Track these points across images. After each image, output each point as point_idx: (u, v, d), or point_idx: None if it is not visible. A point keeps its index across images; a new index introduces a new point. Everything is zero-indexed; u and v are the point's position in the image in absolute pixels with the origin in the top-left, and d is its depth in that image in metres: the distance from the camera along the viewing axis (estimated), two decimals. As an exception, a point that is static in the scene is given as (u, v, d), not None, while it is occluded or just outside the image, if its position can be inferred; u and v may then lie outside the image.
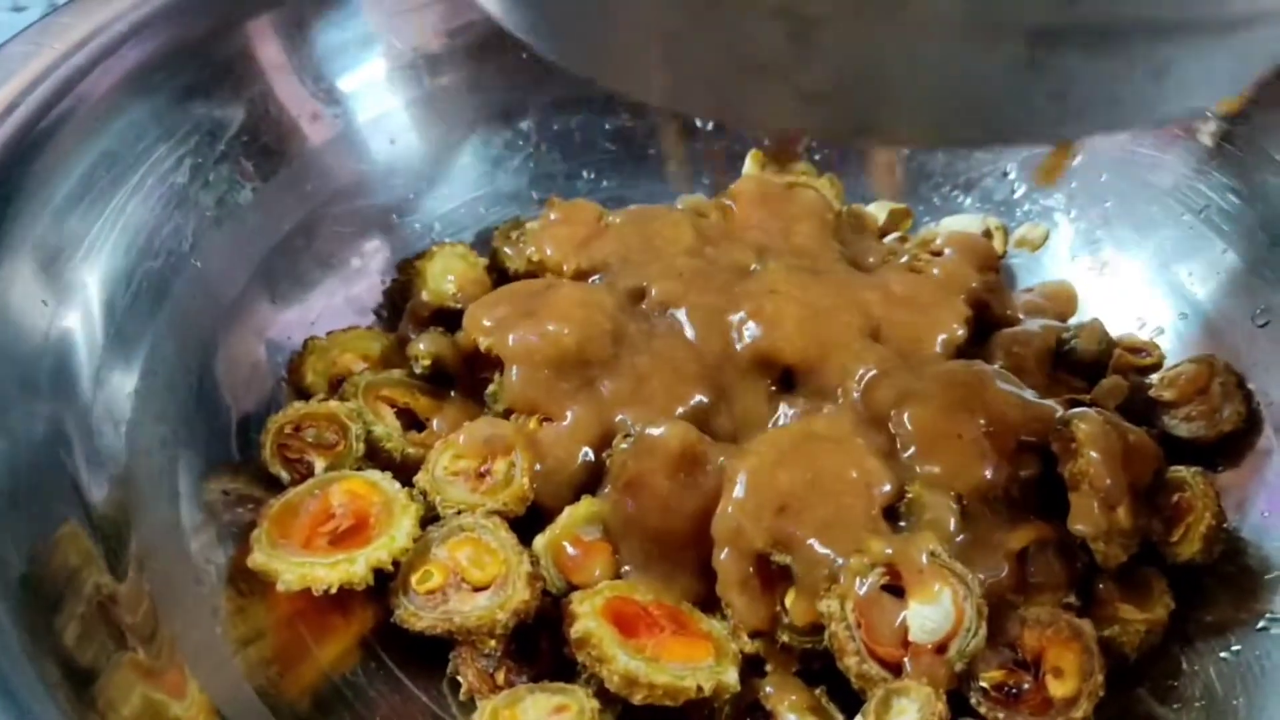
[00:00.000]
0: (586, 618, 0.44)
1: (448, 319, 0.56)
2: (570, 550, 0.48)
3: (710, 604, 0.47)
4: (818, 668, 0.45)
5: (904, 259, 0.58)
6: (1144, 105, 0.25)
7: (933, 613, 0.43)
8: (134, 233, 0.50)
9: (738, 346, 0.51)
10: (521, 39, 0.29)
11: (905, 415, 0.48)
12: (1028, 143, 0.58)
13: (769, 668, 0.46)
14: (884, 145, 0.61)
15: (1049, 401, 0.50)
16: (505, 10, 0.28)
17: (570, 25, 0.27)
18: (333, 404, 0.51)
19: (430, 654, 0.46)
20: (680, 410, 0.50)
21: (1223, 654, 0.44)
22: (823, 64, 0.23)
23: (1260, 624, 0.44)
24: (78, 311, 0.46)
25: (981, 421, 0.48)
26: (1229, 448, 0.51)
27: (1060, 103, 0.24)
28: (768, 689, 0.45)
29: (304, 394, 0.53)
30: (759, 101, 0.26)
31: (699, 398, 0.50)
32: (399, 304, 0.59)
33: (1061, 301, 0.58)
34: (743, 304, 0.52)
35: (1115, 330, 0.56)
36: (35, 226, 0.45)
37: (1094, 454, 0.46)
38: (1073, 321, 0.58)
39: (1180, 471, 0.49)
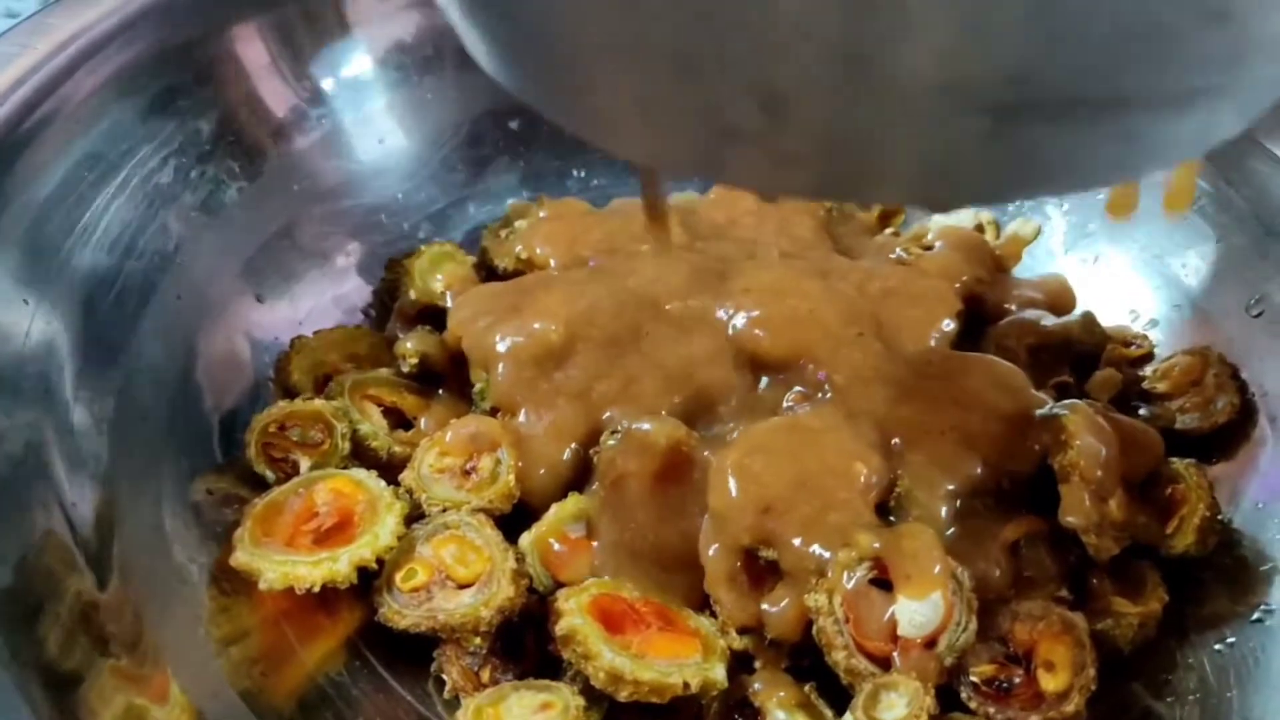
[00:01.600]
0: (572, 614, 0.43)
1: (436, 317, 0.56)
2: (557, 547, 0.47)
3: (700, 603, 0.46)
4: (807, 664, 0.45)
5: (896, 253, 0.58)
6: (1114, 166, 0.25)
7: (921, 607, 0.42)
8: (118, 232, 0.50)
9: (725, 342, 0.51)
10: (505, 88, 0.29)
11: (893, 409, 0.48)
12: (1001, 202, 0.58)
13: (758, 664, 0.45)
14: (861, 204, 0.62)
15: (1039, 394, 0.49)
16: (490, 63, 0.28)
17: (551, 85, 0.28)
18: (318, 402, 0.50)
19: (415, 653, 0.46)
20: (668, 406, 0.49)
21: (1217, 646, 0.44)
22: (796, 134, 0.24)
23: (1255, 616, 0.44)
24: (60, 310, 0.46)
25: (971, 414, 0.48)
26: (1223, 439, 0.50)
27: (1029, 168, 0.25)
28: (756, 685, 0.44)
29: (290, 393, 0.53)
30: (737, 166, 0.26)
31: (686, 394, 0.50)
32: (387, 303, 0.59)
33: (1056, 295, 0.57)
34: (731, 300, 0.51)
35: (1108, 323, 0.55)
36: (17, 226, 0.45)
37: (1084, 445, 0.45)
38: (1068, 315, 0.57)
39: (1174, 464, 0.48)
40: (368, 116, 0.61)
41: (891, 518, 0.45)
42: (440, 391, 0.55)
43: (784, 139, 0.25)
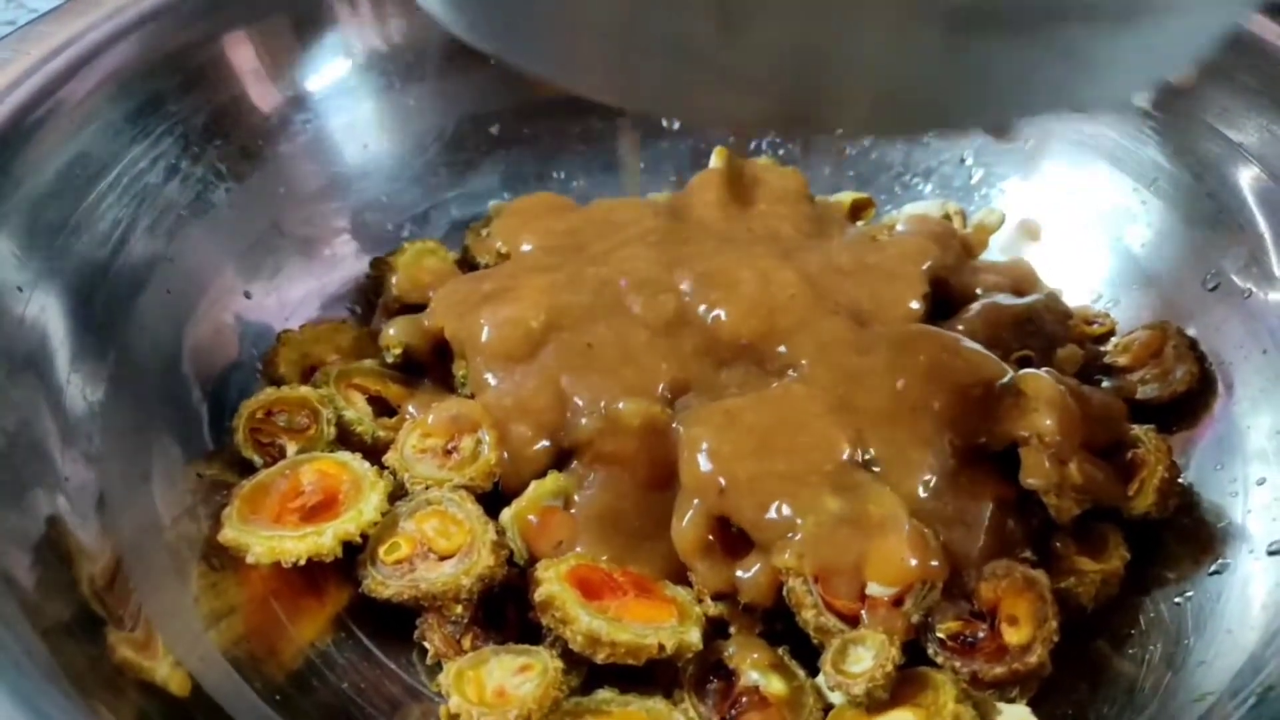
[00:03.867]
0: (550, 582, 0.45)
1: (419, 312, 0.58)
2: (535, 522, 0.48)
3: (677, 576, 0.48)
4: (780, 629, 0.46)
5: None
6: (1060, 89, 0.26)
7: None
8: (109, 228, 0.51)
9: (697, 325, 0.52)
10: (464, 38, 0.30)
11: (860, 382, 0.50)
12: (955, 128, 0.59)
13: (732, 629, 0.46)
14: (820, 134, 0.63)
15: (999, 361, 0.51)
16: (446, 11, 0.29)
17: (510, 23, 0.28)
18: (304, 389, 0.52)
19: (400, 626, 0.47)
20: (641, 387, 0.51)
21: (1176, 600, 0.45)
22: (753, 54, 0.25)
23: (1212, 569, 0.45)
24: (53, 299, 0.48)
25: (937, 385, 0.49)
26: (1183, 407, 0.51)
27: (980, 88, 0.26)
28: (731, 649, 0.45)
29: (277, 384, 0.54)
30: (698, 94, 0.27)
31: (660, 375, 0.51)
32: (372, 299, 0.61)
33: (1021, 278, 0.59)
34: (702, 286, 0.53)
35: (1072, 303, 0.57)
36: (13, 219, 0.47)
37: (1043, 409, 0.47)
38: (1032, 295, 0.59)
39: (1134, 430, 0.50)
40: (353, 122, 0.63)
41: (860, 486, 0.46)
42: (424, 380, 0.56)
43: (741, 60, 0.25)
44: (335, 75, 0.63)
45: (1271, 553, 0.44)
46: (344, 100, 0.63)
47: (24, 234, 0.47)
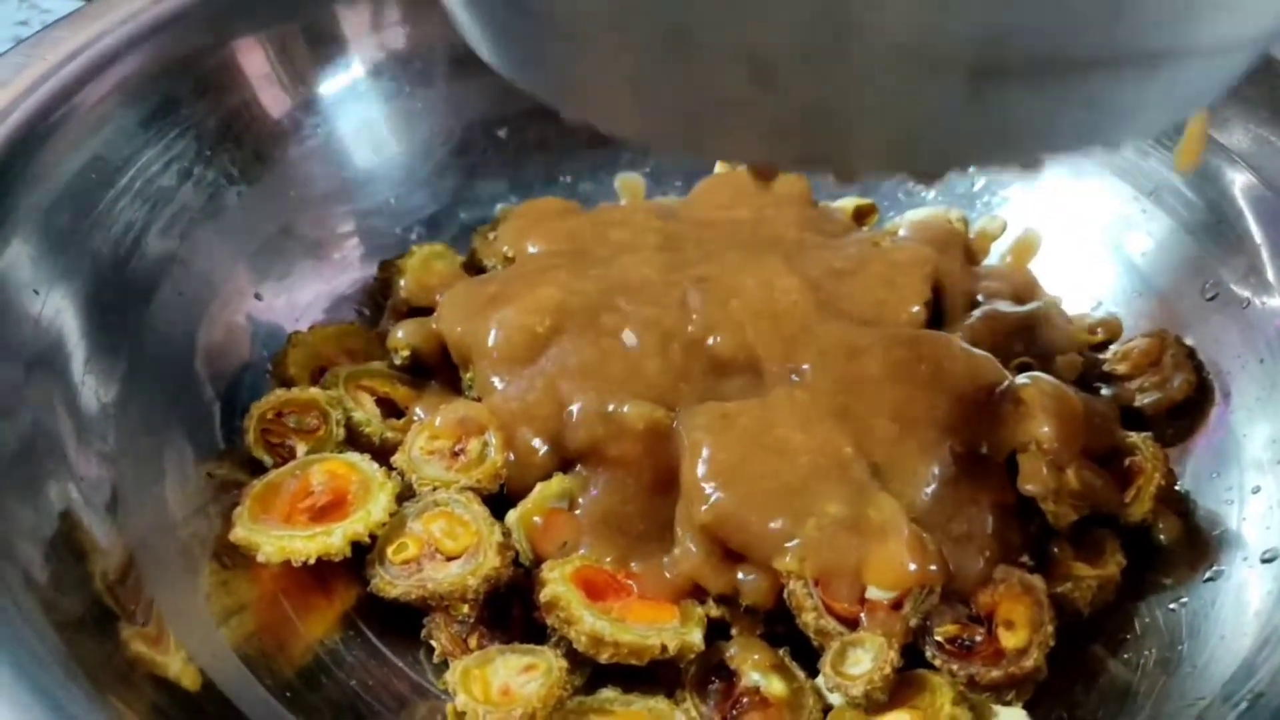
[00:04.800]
0: (555, 583, 0.46)
1: (427, 314, 0.58)
2: (540, 523, 0.49)
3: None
4: (781, 631, 0.47)
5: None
6: (1084, 133, 0.27)
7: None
8: (123, 231, 0.52)
9: (701, 331, 0.53)
10: (491, 65, 0.30)
11: (862, 388, 0.50)
12: (978, 167, 0.60)
13: (734, 631, 0.47)
14: (843, 177, 0.64)
15: (1000, 367, 0.51)
16: (476, 38, 0.30)
17: (544, 68, 0.29)
18: (313, 390, 0.53)
19: (407, 625, 0.48)
20: (645, 390, 0.51)
21: (1171, 605, 0.46)
22: (785, 102, 0.25)
23: (1207, 575, 0.46)
24: (68, 301, 0.48)
25: (939, 391, 0.50)
26: (1180, 415, 0.52)
27: (1003, 132, 0.26)
28: (732, 650, 0.46)
29: (287, 385, 0.55)
30: (727, 138, 0.28)
31: (664, 378, 0.52)
32: (380, 302, 0.61)
33: (1021, 285, 0.60)
34: (706, 292, 0.54)
35: (1071, 309, 0.58)
36: (29, 222, 0.48)
37: (1041, 415, 0.48)
38: (1033, 303, 0.60)
39: (1131, 437, 0.50)
40: (362, 126, 0.64)
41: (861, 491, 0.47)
42: (432, 383, 0.57)
43: (772, 108, 0.26)
44: (345, 80, 0.64)
45: (1265, 560, 0.44)
46: (354, 105, 0.64)
47: (40, 236, 0.48)
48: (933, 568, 0.45)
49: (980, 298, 0.59)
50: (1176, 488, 0.49)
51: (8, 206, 0.47)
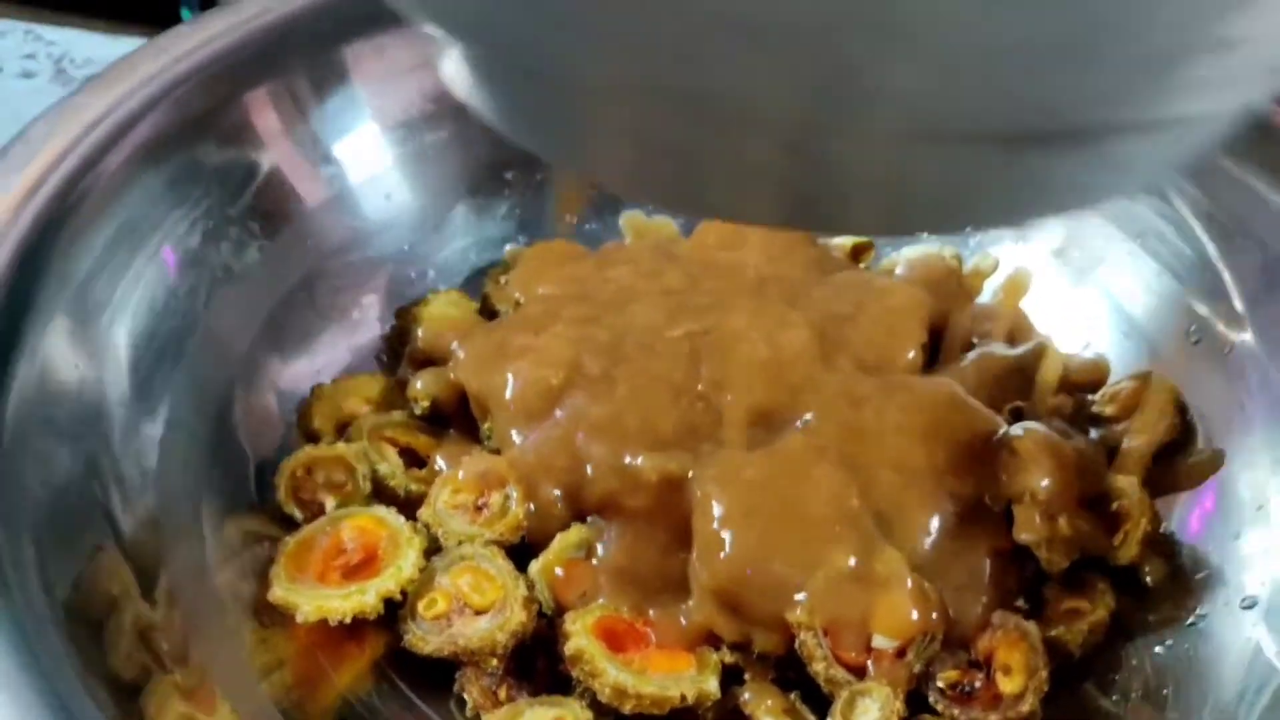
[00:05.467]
0: (579, 636, 0.48)
1: (444, 364, 0.61)
2: (561, 574, 0.52)
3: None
4: (792, 676, 0.49)
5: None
6: (1086, 192, 0.27)
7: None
8: (153, 295, 0.54)
9: (711, 381, 0.55)
10: (486, 120, 0.32)
11: (865, 435, 0.53)
12: (1007, 226, 0.62)
13: (747, 676, 0.50)
14: (840, 234, 0.65)
15: (996, 416, 0.54)
16: (479, 101, 0.31)
17: (540, 120, 0.29)
18: (340, 446, 0.55)
19: (438, 675, 0.50)
20: (658, 442, 0.54)
21: (1158, 649, 0.49)
22: (815, 172, 0.25)
23: (1190, 620, 0.49)
24: (106, 372, 0.51)
25: (938, 441, 0.53)
26: (1165, 458, 0.55)
27: (1031, 194, 0.27)
28: (746, 695, 0.49)
29: (313, 437, 0.57)
30: (749, 204, 0.28)
31: (676, 430, 0.54)
32: (398, 349, 0.63)
33: (1013, 323, 0.62)
34: (713, 342, 0.56)
35: (1060, 349, 0.60)
36: (64, 295, 0.50)
37: (1035, 467, 0.50)
38: (1026, 344, 0.62)
39: (1119, 480, 0.53)
40: (374, 174, 0.66)
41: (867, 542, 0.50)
42: (450, 430, 0.59)
43: (801, 178, 0.26)
44: (355, 129, 0.65)
45: (1245, 607, 0.47)
46: (365, 153, 0.66)
47: (77, 310, 0.50)
48: (934, 616, 0.48)
49: (975, 338, 0.62)
50: (1162, 530, 0.52)
51: (46, 284, 0.49)
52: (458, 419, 0.60)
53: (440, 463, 0.58)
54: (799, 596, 0.48)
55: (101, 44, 0.90)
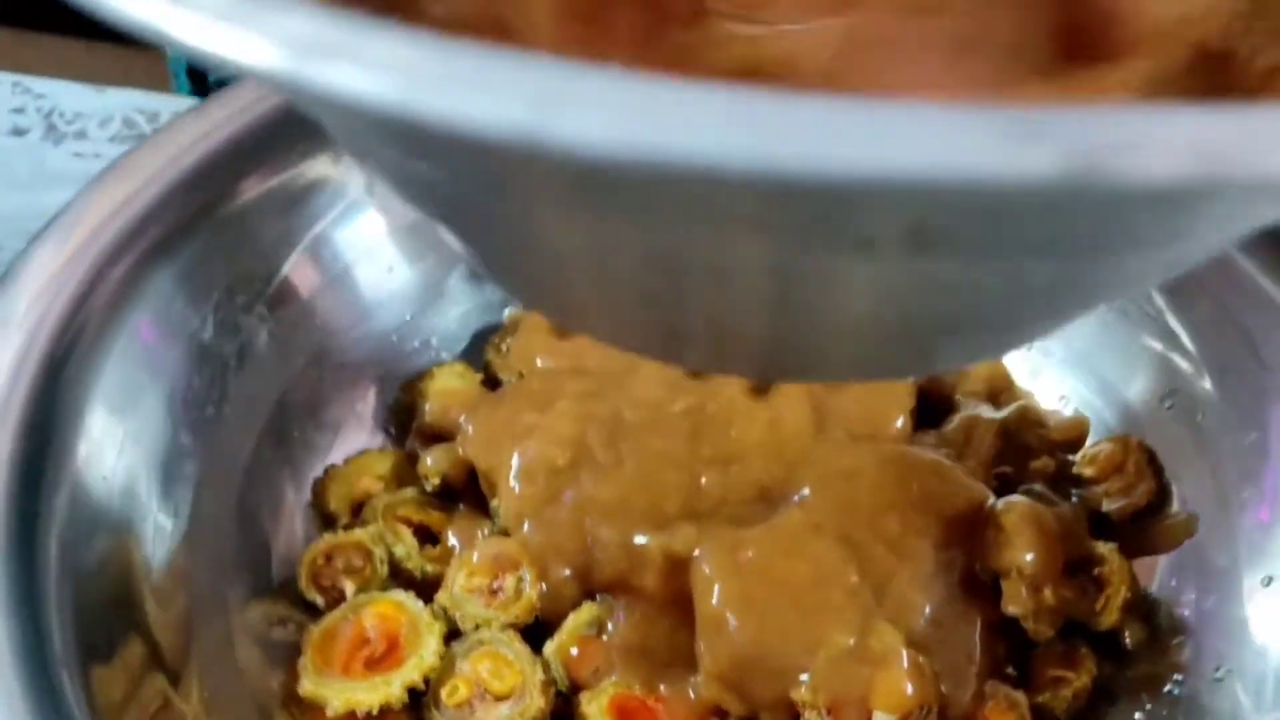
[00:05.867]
0: (595, 717, 0.51)
1: (452, 438, 0.63)
2: (575, 653, 0.55)
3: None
4: (797, 746, 0.53)
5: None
6: (1082, 305, 0.29)
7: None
8: (171, 389, 0.56)
9: (712, 460, 0.58)
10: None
11: (859, 509, 0.56)
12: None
13: (755, 748, 0.53)
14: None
15: (983, 487, 0.57)
16: (458, 247, 0.33)
17: (515, 276, 0.32)
18: (357, 532, 0.57)
19: (461, 755, 0.53)
20: (661, 520, 0.56)
21: (1136, 714, 0.52)
22: (800, 332, 0.27)
23: (1167, 687, 0.52)
24: (132, 472, 0.53)
25: (927, 511, 0.55)
26: (1142, 521, 0.58)
27: (1003, 338, 0.30)
28: (755, 767, 0.52)
29: (329, 518, 0.60)
30: (733, 361, 0.30)
31: (680, 508, 0.57)
32: (405, 421, 0.66)
33: (996, 383, 0.65)
34: (712, 424, 0.59)
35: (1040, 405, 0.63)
36: (96, 407, 0.52)
37: (1021, 541, 0.53)
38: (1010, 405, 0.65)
39: (1099, 546, 0.56)
40: (374, 248, 0.67)
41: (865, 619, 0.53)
42: (460, 506, 0.62)
43: (785, 338, 0.27)
44: (353, 206, 0.67)
45: (1217, 679, 0.51)
46: (364, 228, 0.67)
47: (105, 417, 0.52)
48: (930, 689, 0.51)
49: (959, 396, 0.64)
50: (1143, 596, 0.55)
51: (80, 395, 0.51)
52: (467, 494, 0.62)
53: (452, 539, 0.60)
54: (803, 677, 0.51)
55: (89, 96, 0.90)
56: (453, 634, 0.55)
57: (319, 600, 0.56)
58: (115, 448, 0.53)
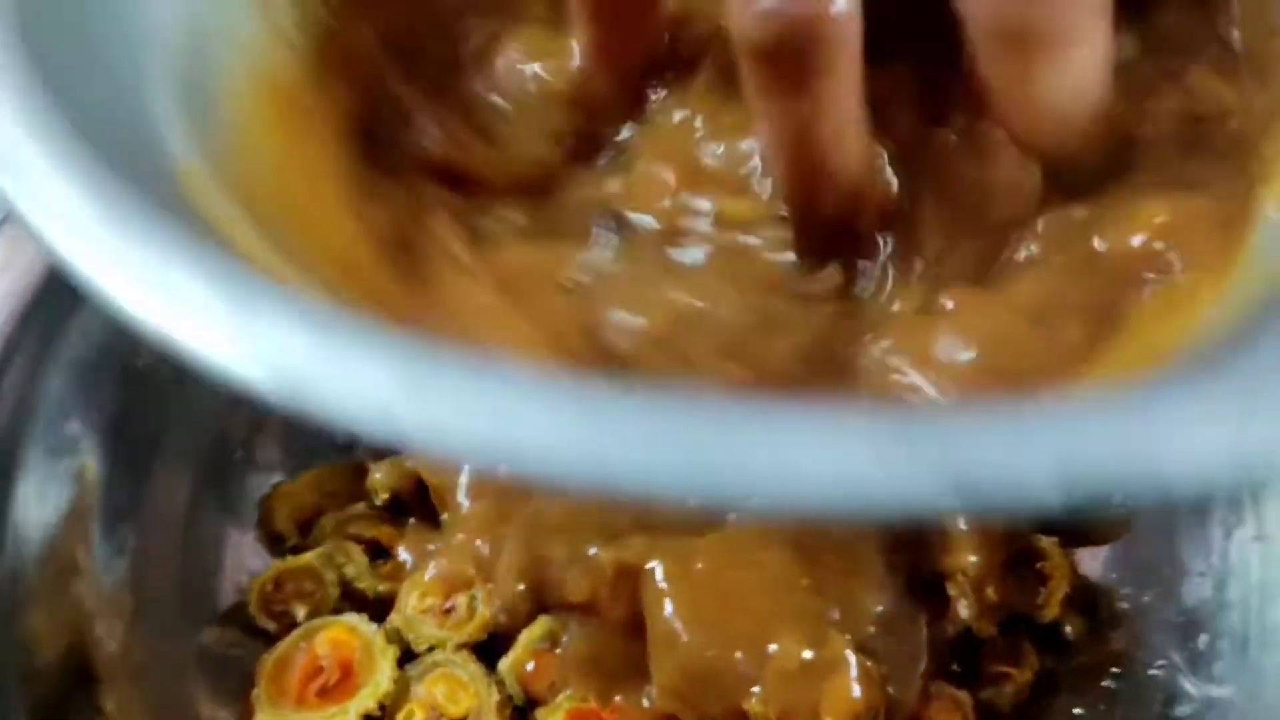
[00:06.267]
0: (551, 733, 0.52)
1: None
2: (530, 667, 0.55)
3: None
4: (751, 754, 0.54)
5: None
6: None
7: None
8: (109, 423, 0.55)
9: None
10: None
11: (812, 530, 0.56)
12: None
13: (714, 757, 0.54)
14: None
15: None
16: None
17: None
18: (306, 556, 0.57)
19: (419, 776, 0.54)
20: (612, 532, 0.56)
21: (1076, 710, 0.54)
22: None
23: (1105, 681, 0.54)
24: (78, 508, 0.52)
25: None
26: (1088, 520, 0.59)
27: None
28: (709, 775, 0.53)
29: (275, 538, 0.59)
30: None
31: (631, 521, 0.57)
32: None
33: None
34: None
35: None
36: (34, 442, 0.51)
37: (965, 546, 0.54)
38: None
39: (1041, 541, 0.57)
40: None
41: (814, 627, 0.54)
42: (411, 520, 0.62)
43: None
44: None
45: (1155, 672, 0.52)
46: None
47: (47, 455, 0.51)
48: (876, 692, 0.52)
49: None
50: (1082, 588, 0.56)
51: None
52: (418, 507, 0.62)
53: (404, 553, 0.60)
54: (754, 689, 0.51)
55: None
56: (407, 653, 0.55)
57: (271, 626, 0.56)
58: (57, 486, 0.52)
